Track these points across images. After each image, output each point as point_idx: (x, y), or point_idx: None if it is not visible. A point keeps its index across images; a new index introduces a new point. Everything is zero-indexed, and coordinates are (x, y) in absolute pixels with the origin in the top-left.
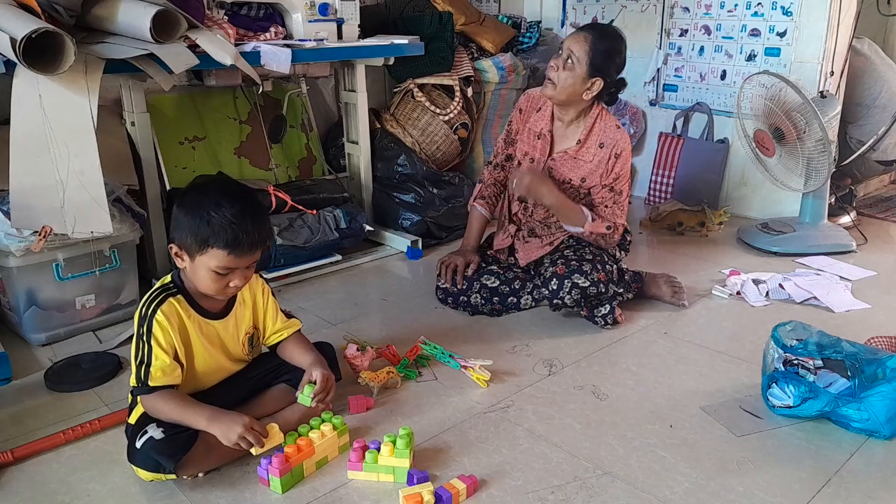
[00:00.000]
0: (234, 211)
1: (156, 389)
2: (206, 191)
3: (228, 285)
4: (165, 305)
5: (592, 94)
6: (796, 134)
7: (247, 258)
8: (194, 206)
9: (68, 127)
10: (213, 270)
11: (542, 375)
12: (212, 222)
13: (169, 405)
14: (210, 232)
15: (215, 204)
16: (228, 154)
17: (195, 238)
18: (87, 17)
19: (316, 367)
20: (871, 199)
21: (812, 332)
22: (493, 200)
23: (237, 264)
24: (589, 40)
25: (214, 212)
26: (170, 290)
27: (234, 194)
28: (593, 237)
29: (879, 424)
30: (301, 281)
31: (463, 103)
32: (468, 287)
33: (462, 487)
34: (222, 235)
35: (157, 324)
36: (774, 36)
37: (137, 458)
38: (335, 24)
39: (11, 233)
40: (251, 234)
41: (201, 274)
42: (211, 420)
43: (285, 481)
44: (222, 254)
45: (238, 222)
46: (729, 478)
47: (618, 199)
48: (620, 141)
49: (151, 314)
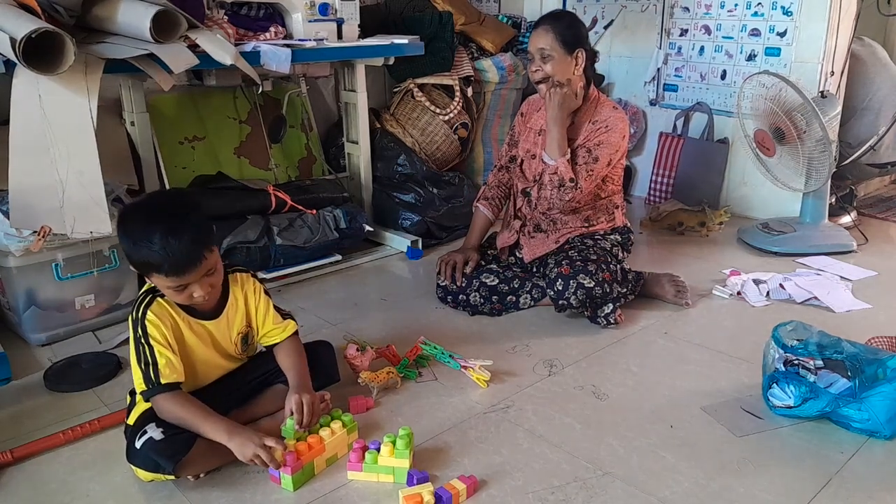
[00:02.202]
0: (159, 234)
1: (168, 388)
2: (135, 215)
3: (192, 296)
4: (154, 305)
5: (581, 67)
6: (797, 134)
7: (191, 274)
8: (125, 233)
9: (68, 127)
10: (169, 287)
11: (542, 375)
12: (142, 253)
13: (186, 411)
14: (143, 258)
15: (142, 230)
16: (228, 154)
17: (137, 266)
18: (87, 17)
19: (292, 396)
20: (871, 199)
21: (812, 333)
22: (496, 202)
23: (184, 281)
24: (549, 28)
25: (141, 241)
26: (157, 291)
27: (159, 214)
28: (556, 179)
29: (880, 425)
30: (301, 281)
31: (463, 103)
32: (467, 285)
33: (462, 488)
34: (156, 264)
35: (150, 323)
36: (775, 36)
37: (136, 458)
38: (335, 23)
39: (11, 233)
40: (181, 254)
41: (164, 290)
42: (230, 434)
43: (296, 479)
44: (164, 278)
45: (166, 247)
46: (729, 478)
47: (589, 162)
48: (612, 118)
49: (143, 316)
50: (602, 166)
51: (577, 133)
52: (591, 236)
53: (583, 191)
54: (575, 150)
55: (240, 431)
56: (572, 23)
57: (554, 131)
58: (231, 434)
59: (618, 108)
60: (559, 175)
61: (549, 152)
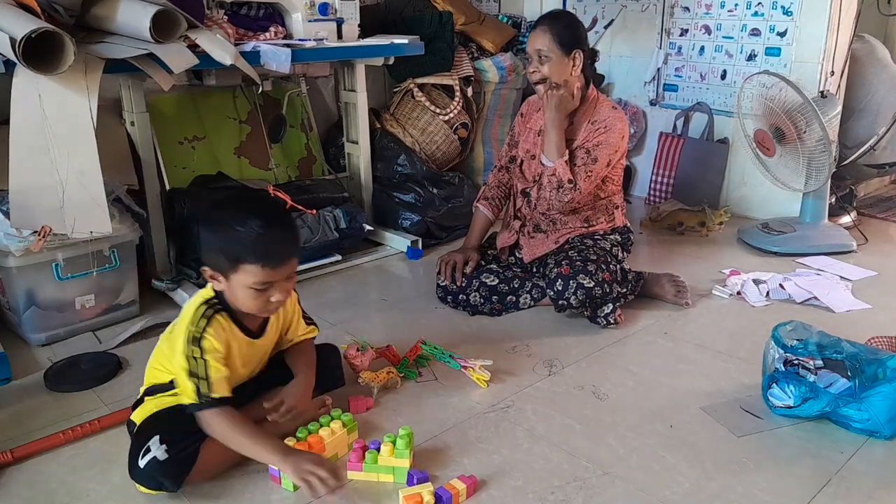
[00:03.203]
0: (261, 222)
1: (220, 402)
2: (228, 206)
3: (270, 300)
4: (215, 324)
5: (579, 68)
6: (797, 134)
7: (282, 269)
8: (219, 223)
9: (68, 127)
10: (251, 287)
11: (542, 375)
12: (240, 238)
13: (236, 431)
14: (240, 248)
15: (240, 218)
16: (228, 154)
17: (226, 257)
18: (87, 16)
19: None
20: (871, 199)
21: (812, 333)
22: (496, 202)
23: (273, 277)
24: (546, 29)
25: (241, 226)
26: (214, 305)
27: (257, 205)
28: (555, 181)
29: (880, 424)
30: (301, 281)
31: (463, 103)
32: (467, 285)
33: (462, 487)
34: (253, 250)
35: (209, 341)
36: (775, 36)
37: (140, 476)
38: (335, 23)
39: (11, 233)
40: (282, 244)
41: (240, 294)
42: (284, 456)
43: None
44: (256, 268)
45: (266, 233)
46: (729, 478)
47: (588, 163)
48: (610, 118)
49: (203, 331)
50: (601, 167)
51: (576, 133)
52: (590, 236)
53: (582, 192)
54: (574, 150)
55: (294, 455)
56: (570, 23)
57: (552, 133)
58: (286, 457)
59: (617, 108)
60: (557, 177)
61: (548, 154)
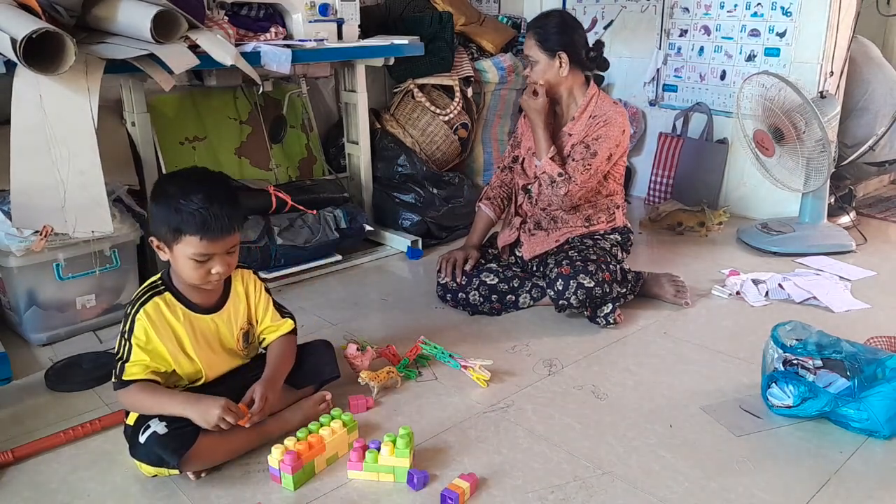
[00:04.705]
0: (201, 196)
1: (129, 383)
2: (174, 180)
3: (210, 272)
4: (149, 305)
5: (566, 68)
6: (796, 134)
7: (220, 242)
8: (164, 196)
9: (69, 127)
10: (192, 259)
11: (542, 375)
12: (180, 209)
13: (141, 395)
14: (180, 219)
15: (182, 191)
16: (229, 154)
17: (168, 227)
18: (88, 17)
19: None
20: (870, 199)
21: (811, 332)
22: (498, 202)
23: (212, 249)
24: (531, 34)
25: (182, 199)
26: (156, 287)
27: (200, 180)
28: (546, 178)
29: (879, 424)
30: (301, 281)
31: (463, 103)
32: (467, 284)
33: (466, 486)
34: (192, 221)
35: (139, 323)
36: (774, 36)
37: (140, 452)
38: (335, 24)
39: (12, 232)
40: (220, 218)
41: (181, 263)
42: (186, 404)
43: (297, 478)
44: (195, 239)
45: (206, 206)
46: (729, 478)
47: (587, 157)
48: (610, 112)
49: (134, 314)
50: (601, 160)
51: (574, 129)
52: (590, 236)
53: (578, 184)
54: (573, 146)
55: (196, 400)
56: (554, 26)
57: (535, 134)
58: (186, 404)
59: (618, 104)
60: (548, 173)
61: (537, 155)
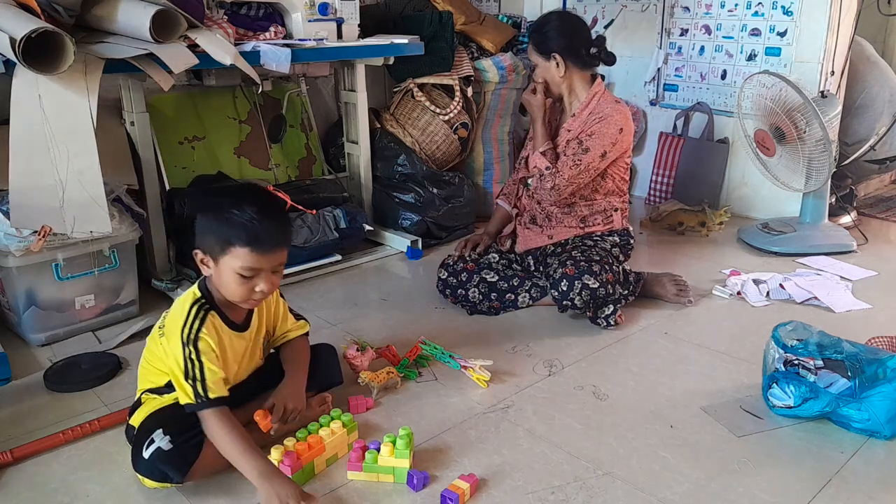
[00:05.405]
0: (254, 209)
1: (217, 402)
2: (225, 193)
3: (254, 290)
4: (208, 324)
5: (562, 68)
6: (797, 134)
7: (270, 257)
8: (214, 208)
9: (68, 127)
10: (238, 273)
11: (542, 375)
12: (232, 221)
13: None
14: (231, 231)
15: (234, 204)
16: (228, 154)
17: (217, 239)
18: (87, 16)
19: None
20: (871, 199)
21: (812, 333)
22: (513, 198)
23: (261, 264)
24: (531, 43)
25: (235, 210)
26: (204, 305)
27: (252, 194)
28: (536, 171)
29: (880, 425)
30: (301, 281)
31: (463, 103)
32: (467, 280)
33: (466, 487)
34: (243, 233)
35: (205, 342)
36: (775, 35)
37: (143, 468)
38: (335, 23)
39: (11, 233)
40: (272, 232)
41: (226, 278)
42: (262, 479)
43: (296, 478)
44: (245, 252)
45: (258, 219)
46: (729, 478)
47: (578, 153)
48: (609, 110)
49: (196, 336)
50: (593, 157)
51: (573, 126)
52: (589, 237)
53: (565, 179)
54: (568, 142)
55: (272, 478)
56: (548, 29)
57: (534, 129)
58: (263, 479)
59: (620, 103)
60: (537, 167)
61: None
